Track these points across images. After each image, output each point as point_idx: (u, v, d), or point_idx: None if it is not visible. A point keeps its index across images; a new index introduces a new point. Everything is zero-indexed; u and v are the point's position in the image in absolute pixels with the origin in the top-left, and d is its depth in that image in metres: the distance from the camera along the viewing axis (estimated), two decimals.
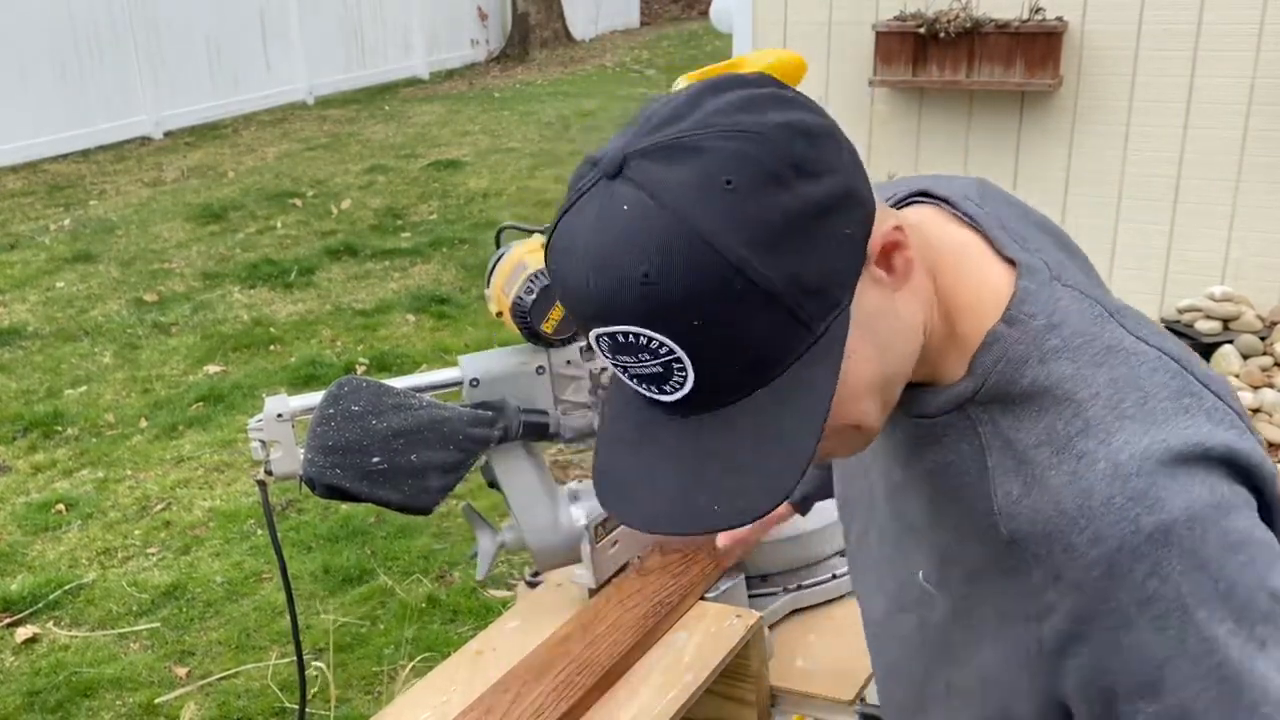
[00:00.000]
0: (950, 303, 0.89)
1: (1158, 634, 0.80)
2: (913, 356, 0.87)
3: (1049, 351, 0.86)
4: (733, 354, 0.76)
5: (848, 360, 0.79)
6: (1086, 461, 0.82)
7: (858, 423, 0.84)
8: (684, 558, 1.62)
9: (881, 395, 0.85)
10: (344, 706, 2.95)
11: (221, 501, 4.06)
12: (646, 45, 16.10)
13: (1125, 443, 0.82)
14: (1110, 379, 0.85)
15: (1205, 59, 4.09)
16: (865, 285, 0.80)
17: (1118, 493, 0.80)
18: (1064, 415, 0.85)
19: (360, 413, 1.44)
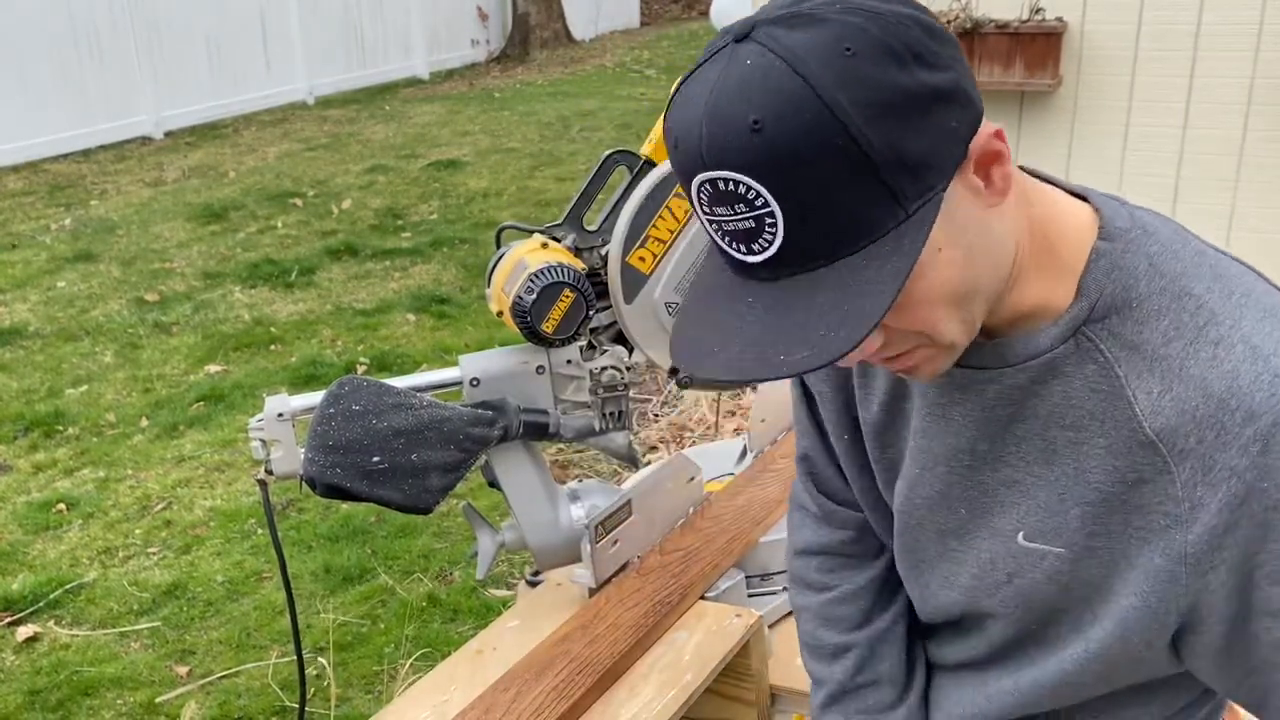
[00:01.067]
0: (1047, 229, 0.92)
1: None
2: (997, 278, 0.89)
3: (1154, 255, 0.90)
4: (823, 215, 0.78)
5: (933, 257, 0.82)
6: (1224, 346, 0.85)
7: (931, 331, 0.86)
8: (684, 557, 1.63)
9: (960, 310, 0.86)
10: (344, 705, 2.96)
11: (222, 501, 4.06)
12: (646, 45, 16.10)
13: (1254, 328, 0.85)
14: (1214, 274, 0.89)
15: (1205, 59, 4.09)
16: (961, 190, 0.83)
17: (1264, 370, 0.83)
18: (1187, 309, 0.87)
19: (361, 412, 1.45)
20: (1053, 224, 0.93)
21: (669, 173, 1.56)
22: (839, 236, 0.79)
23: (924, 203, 0.80)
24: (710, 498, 1.78)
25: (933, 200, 0.80)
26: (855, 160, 0.76)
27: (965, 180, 0.83)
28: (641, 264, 1.56)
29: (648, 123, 3.39)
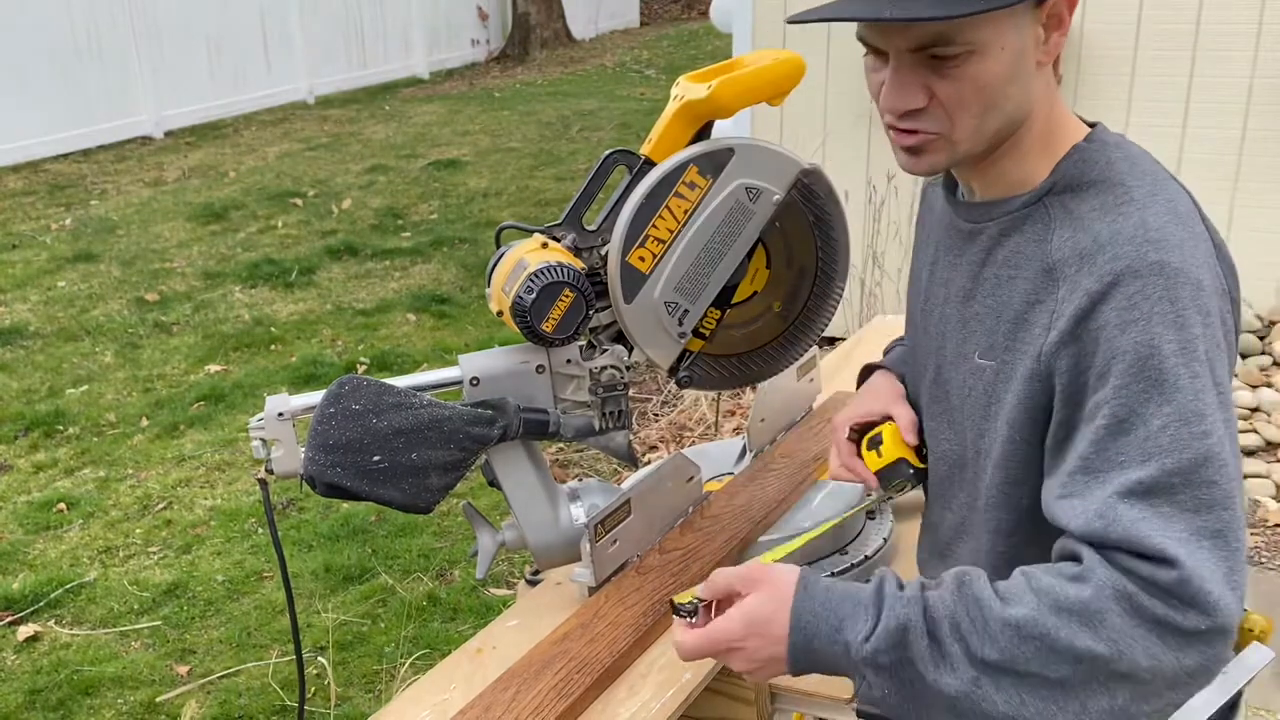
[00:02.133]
0: (1055, 127, 1.20)
1: (1122, 334, 1.06)
2: (1014, 114, 1.16)
3: (1114, 159, 1.18)
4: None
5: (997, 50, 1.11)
6: (1124, 215, 1.12)
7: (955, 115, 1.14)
8: (684, 556, 1.63)
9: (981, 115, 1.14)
10: (344, 705, 2.96)
11: (222, 500, 4.07)
12: (646, 45, 16.10)
13: (1154, 214, 1.11)
14: (1154, 182, 1.15)
15: (1204, 59, 4.10)
16: (1030, 28, 1.13)
17: (1139, 234, 1.09)
18: (1115, 192, 1.15)
19: (361, 411, 1.45)
20: (1061, 126, 1.20)
21: (669, 172, 1.56)
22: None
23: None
24: (710, 497, 1.78)
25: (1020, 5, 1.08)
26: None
27: (1037, 21, 1.13)
28: (641, 263, 1.57)
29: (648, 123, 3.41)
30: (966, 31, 1.10)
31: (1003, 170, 1.23)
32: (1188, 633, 1.02)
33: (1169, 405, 1.04)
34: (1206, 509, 1.04)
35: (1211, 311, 1.08)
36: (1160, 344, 1.05)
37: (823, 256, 1.71)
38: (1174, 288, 1.06)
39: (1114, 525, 1.05)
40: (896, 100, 1.17)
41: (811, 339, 1.77)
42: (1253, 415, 3.80)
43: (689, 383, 1.70)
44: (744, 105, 1.61)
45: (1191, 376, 1.05)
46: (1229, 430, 1.06)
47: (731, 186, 1.58)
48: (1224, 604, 1.02)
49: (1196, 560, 1.02)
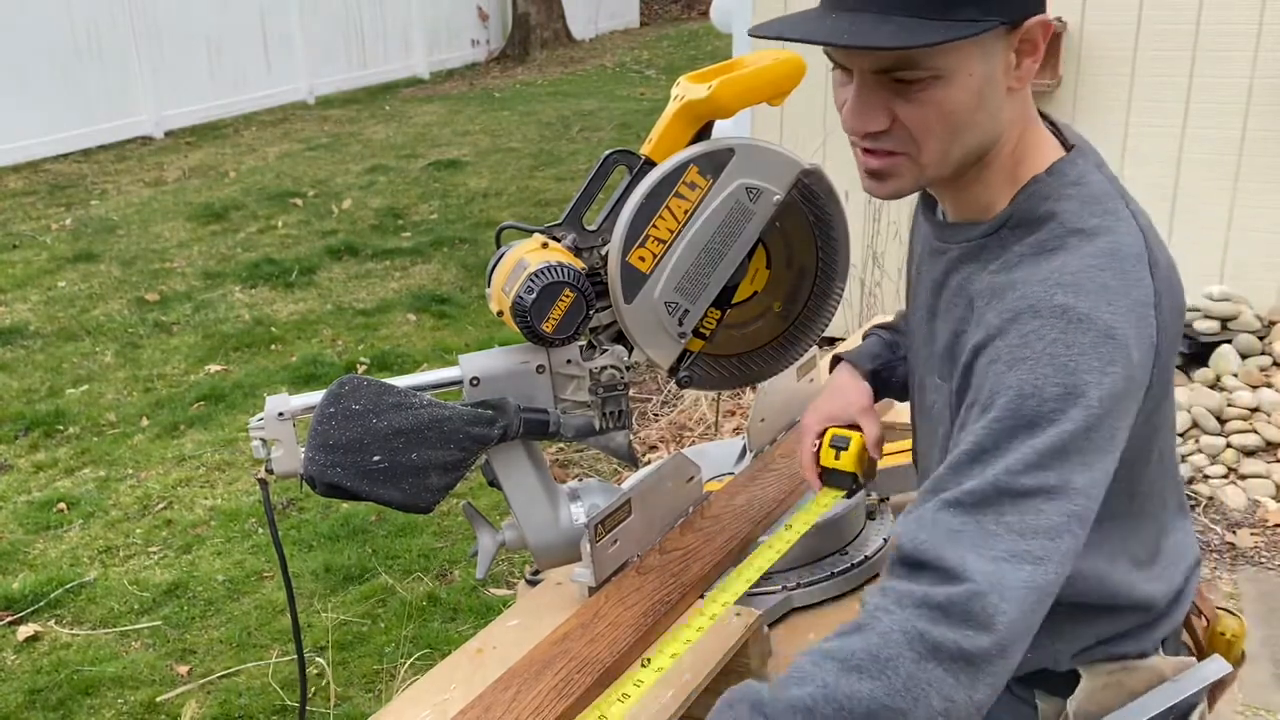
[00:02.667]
0: (1025, 153, 1.17)
1: (1009, 370, 1.05)
2: (982, 139, 1.14)
3: (1065, 195, 1.14)
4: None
5: (964, 76, 1.09)
6: (1047, 258, 1.11)
7: (921, 139, 1.12)
8: (684, 556, 1.63)
9: (946, 140, 1.12)
10: (344, 704, 2.96)
11: (223, 500, 4.07)
12: (646, 45, 16.10)
13: (1083, 257, 1.09)
14: (1099, 224, 1.11)
15: (1204, 59, 4.09)
16: (1002, 53, 1.10)
17: (1052, 276, 1.08)
18: (1051, 233, 1.12)
19: (361, 411, 1.45)
20: (1031, 152, 1.18)
21: (669, 172, 1.56)
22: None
23: (986, 23, 1.07)
24: (710, 497, 1.78)
25: (990, 27, 1.07)
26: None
27: (1009, 46, 1.11)
28: (641, 263, 1.57)
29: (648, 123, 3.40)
30: (931, 57, 1.08)
31: (970, 195, 1.21)
32: (976, 660, 0.99)
33: (1034, 442, 1.02)
34: (1030, 535, 1.00)
35: (1115, 361, 1.04)
36: (1044, 385, 1.03)
37: (823, 256, 1.71)
38: (1072, 332, 1.03)
39: (927, 532, 1.03)
40: (858, 121, 1.15)
41: (811, 339, 1.78)
42: (1253, 415, 3.80)
43: (689, 383, 1.70)
44: (744, 105, 1.61)
45: (1070, 422, 1.02)
46: (1094, 482, 1.03)
47: (732, 186, 1.58)
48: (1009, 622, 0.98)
49: (994, 576, 0.99)
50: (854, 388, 1.56)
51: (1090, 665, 1.25)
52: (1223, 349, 3.99)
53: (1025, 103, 1.16)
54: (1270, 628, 3.02)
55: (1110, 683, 1.25)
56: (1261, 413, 3.80)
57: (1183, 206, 4.24)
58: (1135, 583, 1.23)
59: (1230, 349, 3.99)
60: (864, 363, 1.59)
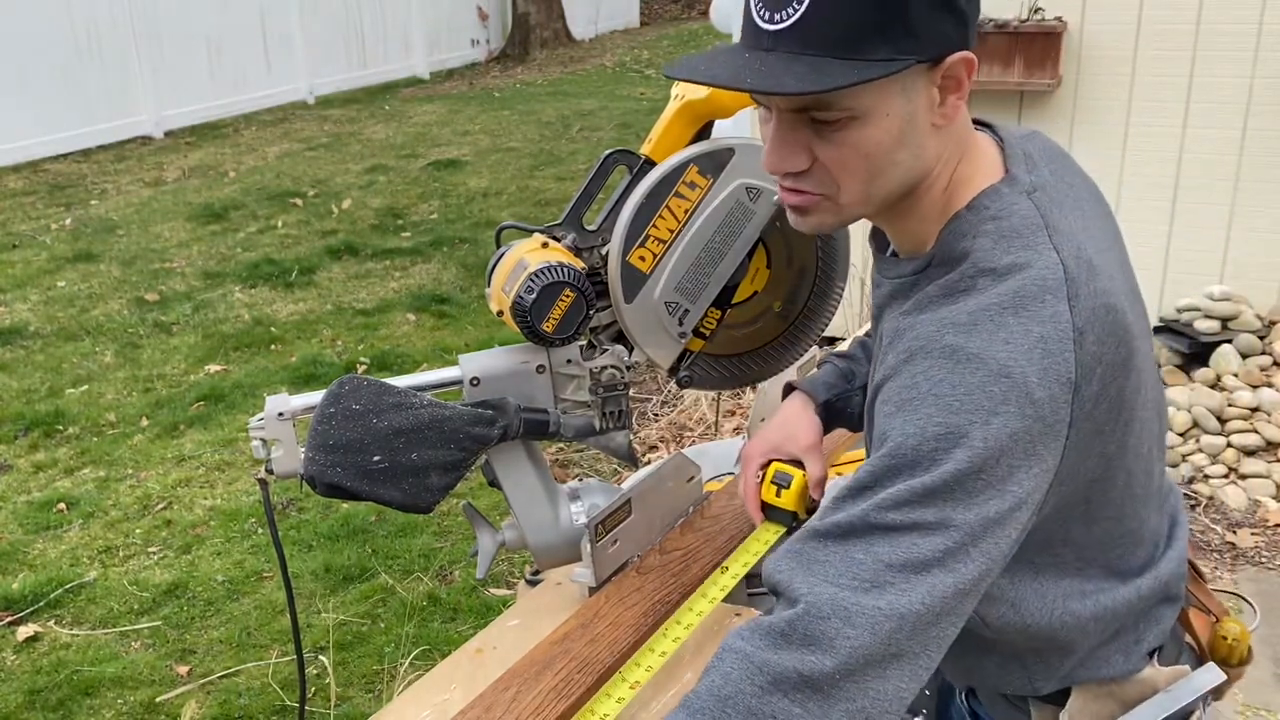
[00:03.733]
0: (957, 187, 1.14)
1: (897, 411, 1.05)
2: (907, 177, 1.11)
3: (981, 232, 1.10)
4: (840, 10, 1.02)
5: (880, 116, 1.06)
6: (950, 300, 1.09)
7: (840, 179, 1.10)
8: (684, 556, 1.63)
9: (868, 180, 1.10)
10: (344, 705, 2.96)
11: (222, 500, 4.07)
12: (646, 45, 16.10)
13: (984, 299, 1.06)
14: (1011, 262, 1.07)
15: (1204, 59, 4.09)
16: (924, 89, 1.07)
17: (948, 317, 1.06)
18: (964, 274, 1.09)
19: (361, 411, 1.45)
20: (963, 186, 1.14)
21: (669, 172, 1.56)
22: (832, 37, 1.02)
23: (901, 62, 1.03)
24: (710, 497, 1.78)
25: (905, 66, 1.03)
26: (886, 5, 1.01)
27: (930, 83, 1.06)
28: (641, 263, 1.57)
29: (648, 122, 3.40)
30: (847, 98, 1.04)
31: (904, 230, 1.18)
32: (820, 685, 0.97)
33: (912, 481, 1.00)
34: (898, 567, 0.99)
35: (1009, 400, 1.00)
36: (926, 426, 1.01)
37: (823, 256, 1.71)
38: (960, 372, 1.01)
39: (787, 561, 1.04)
40: (778, 161, 1.11)
41: (811, 339, 1.77)
42: (1253, 415, 3.80)
43: (689, 383, 1.70)
44: (744, 105, 1.61)
45: (952, 463, 0.99)
46: (983, 520, 1.00)
47: (732, 186, 1.58)
48: (855, 646, 0.97)
49: (840, 600, 0.98)
50: (804, 422, 1.51)
51: (1080, 684, 1.24)
52: (1223, 349, 3.99)
53: (956, 138, 1.12)
54: (1270, 628, 3.02)
55: (1102, 694, 1.25)
56: (1262, 412, 3.80)
57: (1183, 206, 4.24)
58: (1109, 610, 1.20)
59: (1230, 349, 3.99)
60: (818, 393, 1.53)
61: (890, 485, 1.02)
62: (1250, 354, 3.99)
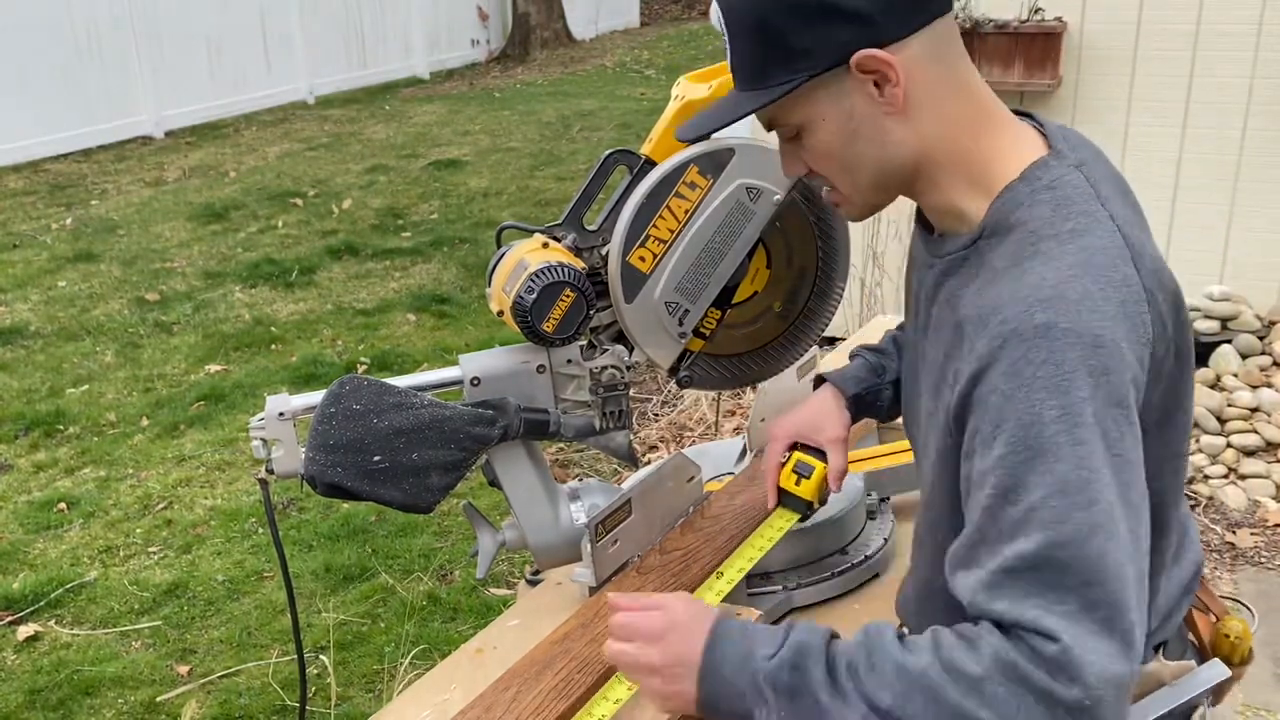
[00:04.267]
0: (981, 162, 1.17)
1: (1007, 401, 1.05)
2: (884, 166, 1.18)
3: (1039, 200, 1.13)
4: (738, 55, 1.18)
5: (817, 122, 1.17)
6: (1026, 269, 1.09)
7: (828, 177, 1.22)
8: (684, 556, 1.63)
9: (848, 174, 1.20)
10: (345, 704, 2.96)
11: (223, 500, 4.07)
12: (646, 45, 16.10)
13: (1059, 267, 1.07)
14: (1074, 228, 1.10)
15: (1204, 59, 4.10)
16: (854, 88, 1.14)
17: (1031, 294, 1.06)
18: (1027, 241, 1.11)
19: (361, 411, 1.45)
20: (997, 160, 1.17)
21: (669, 172, 1.56)
22: (744, 73, 1.19)
23: (792, 81, 1.14)
24: (710, 497, 1.78)
25: (799, 83, 1.14)
26: (760, 31, 1.14)
27: (856, 81, 1.14)
28: (642, 263, 1.57)
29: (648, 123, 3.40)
30: (782, 116, 1.19)
31: (935, 207, 1.23)
32: (1070, 705, 1.00)
33: (1050, 476, 1.03)
34: (1091, 584, 1.02)
35: (1110, 369, 1.04)
36: (1042, 411, 1.03)
37: (823, 256, 1.71)
38: (1059, 350, 1.03)
39: (997, 600, 1.05)
40: (784, 170, 1.26)
41: (811, 339, 1.78)
42: (1253, 415, 3.80)
43: (689, 383, 1.70)
44: None
45: (1074, 444, 1.02)
46: (1123, 493, 1.04)
47: (732, 186, 1.59)
48: (1105, 677, 1.00)
49: (1075, 635, 1.00)
50: (833, 414, 1.56)
51: None
52: (1223, 349, 3.99)
53: (942, 117, 1.16)
54: (1270, 628, 3.02)
55: None
56: (1261, 413, 3.80)
57: (1183, 206, 4.24)
58: (1154, 600, 1.22)
59: (1230, 349, 3.99)
60: (848, 387, 1.58)
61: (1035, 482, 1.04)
62: (1250, 354, 3.99)
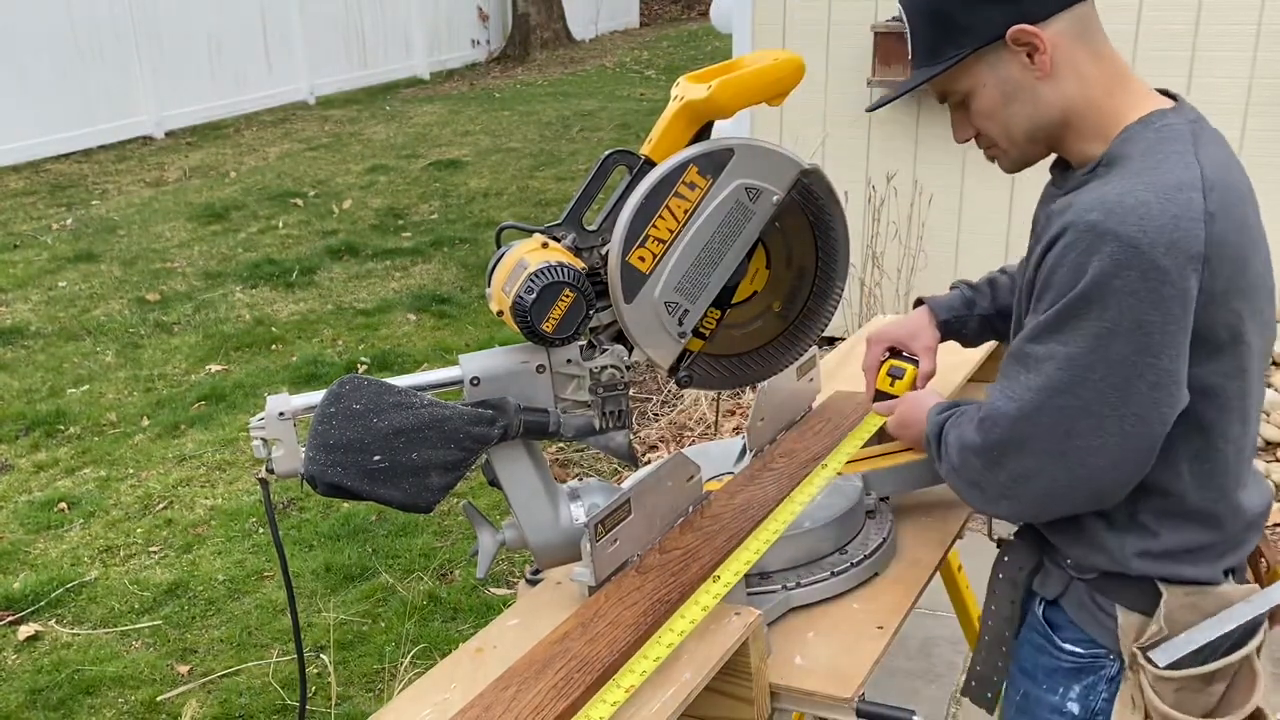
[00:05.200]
0: (1113, 113, 1.41)
1: (1052, 274, 1.33)
2: (1037, 120, 1.43)
3: (1145, 138, 1.37)
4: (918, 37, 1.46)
5: (980, 88, 1.44)
6: (1107, 183, 1.34)
7: (988, 132, 1.47)
8: (684, 555, 1.63)
9: (1004, 128, 1.45)
10: (345, 704, 2.96)
11: (223, 500, 4.07)
12: (646, 45, 16.10)
13: (1133, 184, 1.31)
14: (1160, 158, 1.34)
15: (1203, 60, 4.10)
16: (1008, 58, 1.40)
17: (1096, 200, 1.32)
18: (1122, 165, 1.36)
19: (361, 411, 1.45)
20: (1120, 111, 1.41)
21: (669, 172, 1.56)
22: (922, 51, 1.46)
23: (959, 54, 1.41)
24: (710, 497, 1.78)
25: (963, 56, 1.41)
26: (932, 14, 1.43)
27: (1011, 53, 1.40)
28: (641, 263, 1.57)
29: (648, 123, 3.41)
30: (952, 84, 1.45)
31: (1073, 151, 1.47)
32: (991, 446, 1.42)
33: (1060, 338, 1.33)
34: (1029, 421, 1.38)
35: (1132, 265, 1.27)
36: (1077, 283, 1.30)
37: (822, 256, 1.71)
38: (1098, 244, 1.28)
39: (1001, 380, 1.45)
40: (955, 135, 1.52)
41: (811, 339, 1.78)
42: None
43: (689, 383, 1.70)
44: (744, 105, 1.61)
45: (1078, 322, 1.31)
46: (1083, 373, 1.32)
47: (731, 186, 1.59)
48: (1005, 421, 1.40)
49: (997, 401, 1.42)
50: (926, 328, 1.83)
51: (1168, 585, 1.42)
52: None
53: (1083, 79, 1.41)
54: None
55: (1186, 604, 1.42)
56: (1262, 412, 3.80)
57: None
58: (1196, 493, 1.41)
59: None
60: (940, 311, 1.84)
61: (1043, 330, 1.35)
62: None
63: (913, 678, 3.02)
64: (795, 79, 1.63)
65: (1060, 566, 1.52)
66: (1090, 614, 1.49)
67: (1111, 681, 1.48)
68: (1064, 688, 1.53)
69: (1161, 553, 1.42)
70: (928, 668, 3.04)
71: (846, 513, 1.77)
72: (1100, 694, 1.50)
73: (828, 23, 4.70)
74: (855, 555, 1.73)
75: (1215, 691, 1.43)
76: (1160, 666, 1.41)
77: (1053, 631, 1.55)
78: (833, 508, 1.77)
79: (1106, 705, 1.49)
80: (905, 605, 1.68)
